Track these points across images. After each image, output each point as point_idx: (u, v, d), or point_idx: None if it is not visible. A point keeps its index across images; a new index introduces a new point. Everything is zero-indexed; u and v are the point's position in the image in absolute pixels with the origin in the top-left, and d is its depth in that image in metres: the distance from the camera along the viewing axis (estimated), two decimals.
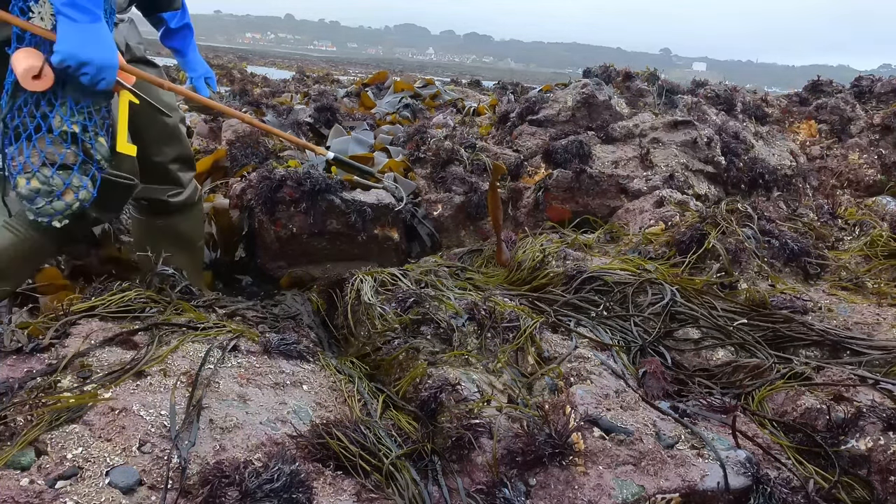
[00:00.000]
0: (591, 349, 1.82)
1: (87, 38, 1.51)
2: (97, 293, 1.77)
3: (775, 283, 2.33)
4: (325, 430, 1.36)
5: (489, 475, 1.31)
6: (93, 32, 1.52)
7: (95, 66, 1.52)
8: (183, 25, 2.17)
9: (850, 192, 3.95)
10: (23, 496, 1.04)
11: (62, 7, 1.49)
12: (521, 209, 3.40)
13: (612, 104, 3.95)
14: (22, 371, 1.37)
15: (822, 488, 1.38)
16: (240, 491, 1.10)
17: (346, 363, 1.82)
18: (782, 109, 4.66)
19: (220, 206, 3.21)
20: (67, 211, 1.65)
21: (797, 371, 1.77)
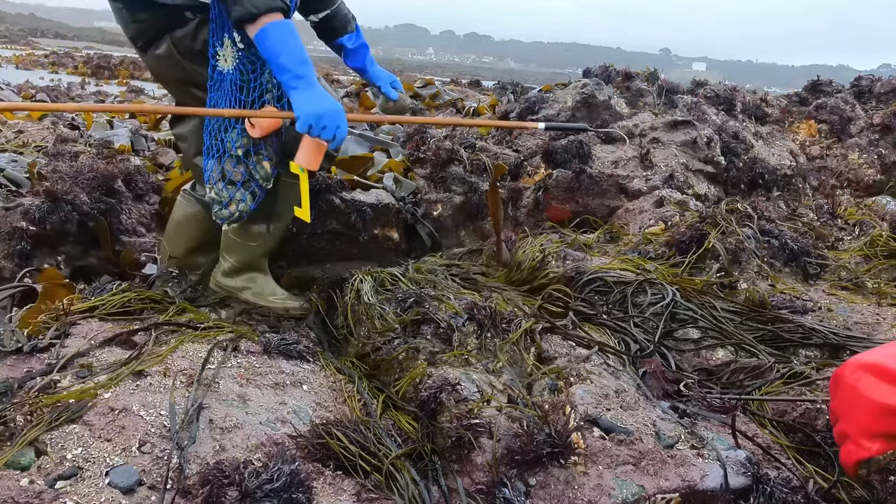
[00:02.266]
0: (593, 349, 1.82)
1: (316, 100, 1.78)
2: (97, 293, 1.78)
3: (775, 282, 2.33)
4: (325, 430, 1.36)
5: (489, 475, 1.31)
6: (317, 94, 1.79)
7: (330, 117, 1.79)
8: (359, 45, 2.39)
9: (849, 192, 3.95)
10: (23, 496, 1.04)
11: (291, 82, 1.77)
12: (520, 209, 3.40)
13: (612, 104, 3.95)
14: (22, 371, 1.37)
15: (821, 488, 1.38)
16: (240, 491, 1.10)
17: (346, 363, 1.82)
18: (782, 109, 4.66)
19: None
20: (231, 218, 2.03)
21: (797, 371, 1.77)
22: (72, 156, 3.38)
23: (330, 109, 1.79)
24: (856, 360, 1.12)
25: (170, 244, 2.33)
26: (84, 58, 19.83)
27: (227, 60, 1.93)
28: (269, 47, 1.77)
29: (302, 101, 1.78)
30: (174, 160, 4.44)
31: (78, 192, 2.55)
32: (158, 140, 5.20)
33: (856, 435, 1.07)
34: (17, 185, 2.90)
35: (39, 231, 2.42)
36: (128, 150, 4.56)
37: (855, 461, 1.07)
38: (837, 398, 1.13)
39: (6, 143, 3.79)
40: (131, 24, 2.02)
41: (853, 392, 1.08)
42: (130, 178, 3.11)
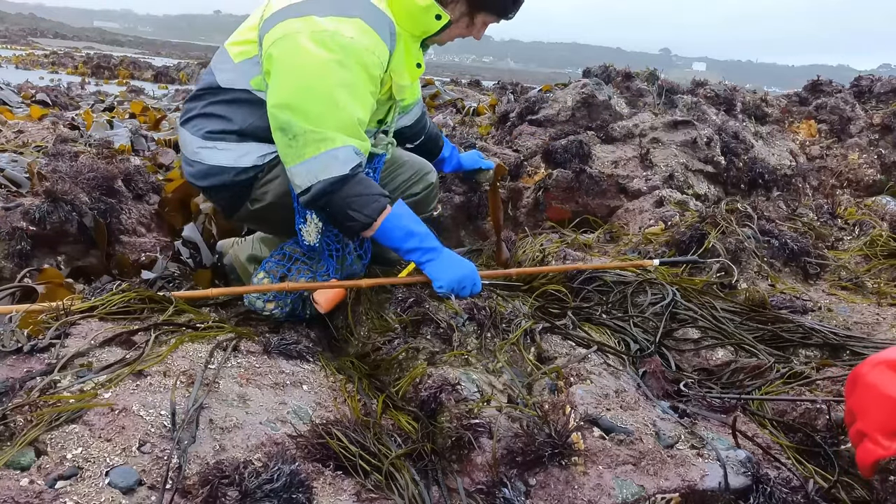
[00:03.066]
0: (592, 349, 1.82)
1: (452, 267, 1.90)
2: (97, 293, 1.78)
3: (775, 282, 2.33)
4: (325, 430, 1.36)
5: (489, 475, 1.31)
6: (449, 260, 1.91)
7: (468, 279, 1.90)
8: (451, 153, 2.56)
9: (849, 192, 3.95)
10: (23, 496, 1.04)
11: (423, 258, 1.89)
12: (520, 209, 3.40)
13: (612, 104, 3.95)
14: (22, 371, 1.37)
15: (821, 488, 1.38)
16: (240, 491, 1.10)
17: (346, 363, 1.82)
18: (782, 109, 4.66)
19: None
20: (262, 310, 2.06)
21: (797, 371, 1.77)
22: (72, 156, 3.38)
23: (466, 272, 1.90)
24: (875, 357, 1.12)
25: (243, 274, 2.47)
26: (84, 58, 19.85)
27: (311, 235, 2.03)
28: (390, 239, 1.88)
29: (439, 270, 1.88)
30: (174, 160, 4.44)
31: (78, 192, 2.55)
32: (158, 140, 5.20)
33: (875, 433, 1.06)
34: (17, 185, 2.90)
35: (39, 231, 2.42)
36: (128, 150, 4.56)
37: (873, 461, 1.06)
38: (855, 397, 1.13)
39: (6, 143, 3.80)
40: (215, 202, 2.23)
41: (873, 390, 1.08)
42: (130, 178, 3.11)
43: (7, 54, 21.28)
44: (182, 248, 3.03)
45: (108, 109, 7.63)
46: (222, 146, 1.99)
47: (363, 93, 1.81)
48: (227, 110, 1.99)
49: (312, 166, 1.76)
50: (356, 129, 1.79)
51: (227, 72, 1.99)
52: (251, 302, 2.06)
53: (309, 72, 1.75)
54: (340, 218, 1.84)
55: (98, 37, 62.45)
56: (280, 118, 1.78)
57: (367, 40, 1.79)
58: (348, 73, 1.76)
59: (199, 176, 2.04)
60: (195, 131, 2.03)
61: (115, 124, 5.50)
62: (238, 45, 1.99)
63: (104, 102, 8.64)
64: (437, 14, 1.91)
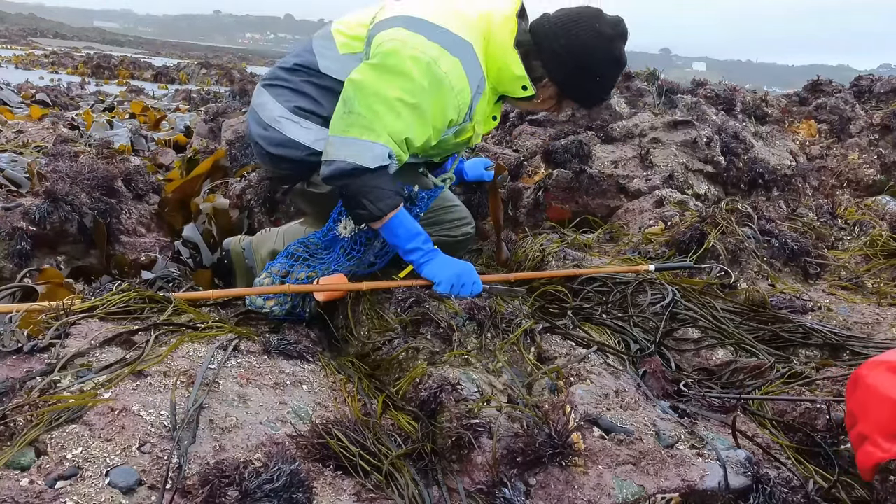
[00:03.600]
0: (592, 349, 1.82)
1: (449, 265, 1.97)
2: (97, 293, 1.78)
3: (775, 282, 2.33)
4: (325, 430, 1.36)
5: (489, 475, 1.31)
6: (446, 260, 1.99)
7: (467, 275, 1.97)
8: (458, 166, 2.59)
9: (849, 192, 3.95)
10: (23, 496, 1.04)
11: (422, 259, 1.98)
12: (520, 209, 3.40)
13: (612, 104, 3.95)
14: (22, 371, 1.37)
15: (821, 488, 1.38)
16: (240, 491, 1.10)
17: (346, 363, 1.82)
18: (782, 109, 4.66)
19: (220, 206, 3.21)
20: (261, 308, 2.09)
21: (797, 371, 1.77)
22: (72, 156, 3.39)
23: (464, 269, 1.97)
24: (876, 360, 1.12)
25: None
26: (84, 58, 19.86)
27: (345, 229, 2.13)
28: (395, 236, 1.97)
29: (437, 269, 1.96)
30: (174, 160, 4.44)
31: (78, 192, 2.55)
32: (158, 140, 5.20)
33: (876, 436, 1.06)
34: (17, 185, 2.90)
35: (39, 231, 2.42)
36: (128, 150, 4.55)
37: (873, 464, 1.06)
38: (856, 399, 1.12)
39: (6, 143, 3.79)
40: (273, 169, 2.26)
41: (873, 392, 1.07)
42: (130, 178, 3.11)
43: (7, 54, 21.28)
44: (182, 248, 3.03)
45: (108, 109, 7.63)
46: (306, 125, 2.08)
47: (427, 124, 1.91)
48: (319, 95, 2.09)
49: (348, 145, 1.86)
50: (401, 143, 1.89)
51: (329, 59, 2.09)
52: (252, 300, 2.07)
53: (394, 78, 1.85)
54: (353, 203, 1.92)
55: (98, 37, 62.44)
56: (349, 90, 1.88)
57: (457, 84, 1.91)
58: (426, 100, 1.87)
59: (272, 143, 2.12)
60: (283, 101, 2.11)
61: (115, 124, 5.49)
62: (345, 37, 2.09)
63: (104, 102, 8.65)
64: (524, 86, 2.02)
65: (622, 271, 2.28)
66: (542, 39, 2.00)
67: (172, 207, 3.27)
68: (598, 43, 1.98)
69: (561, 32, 1.98)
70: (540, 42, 2.00)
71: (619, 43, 2.02)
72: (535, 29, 2.02)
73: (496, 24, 1.99)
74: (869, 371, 1.11)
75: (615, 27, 2.00)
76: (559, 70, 2.02)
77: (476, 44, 1.95)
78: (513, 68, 1.98)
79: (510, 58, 1.98)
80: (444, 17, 1.95)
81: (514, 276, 2.21)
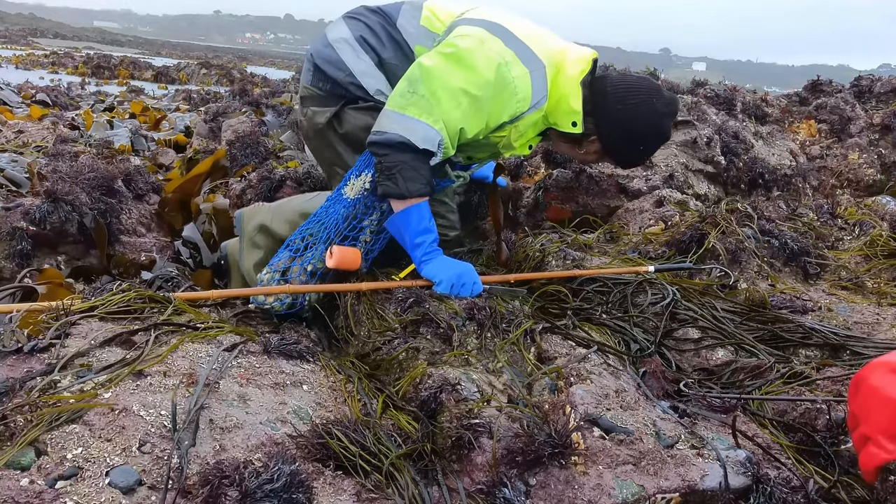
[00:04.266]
0: (592, 349, 1.82)
1: (450, 265, 1.98)
2: (97, 293, 1.78)
3: (775, 282, 2.33)
4: (325, 430, 1.36)
5: (489, 475, 1.31)
6: (447, 260, 2.01)
7: (467, 276, 1.97)
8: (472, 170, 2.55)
9: (849, 192, 3.95)
10: (23, 496, 1.04)
11: (424, 257, 2.00)
12: (521, 209, 3.40)
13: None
14: (22, 371, 1.37)
15: (821, 488, 1.38)
16: (240, 491, 1.10)
17: (346, 363, 1.82)
18: (782, 109, 4.66)
19: (220, 206, 3.21)
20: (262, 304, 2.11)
21: (797, 371, 1.77)
22: (72, 156, 3.39)
23: (464, 269, 1.98)
24: (878, 361, 1.11)
25: None
26: (84, 58, 19.86)
27: (352, 190, 2.14)
28: (408, 224, 1.99)
29: (437, 269, 1.97)
30: (174, 160, 4.44)
31: (78, 192, 2.55)
32: (158, 140, 5.20)
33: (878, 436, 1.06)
34: (17, 185, 2.90)
35: (39, 231, 2.42)
36: (128, 150, 4.56)
37: (876, 465, 1.06)
38: (858, 401, 1.12)
39: (6, 143, 3.80)
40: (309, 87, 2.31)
41: (876, 393, 1.07)
42: (130, 178, 3.11)
43: (7, 54, 21.28)
44: (182, 248, 3.03)
45: (108, 109, 7.63)
46: (362, 55, 2.18)
47: (482, 119, 1.99)
48: (387, 40, 2.19)
49: (404, 121, 1.91)
50: (454, 133, 1.95)
51: (408, 22, 2.20)
52: (254, 297, 2.09)
53: (463, 70, 1.92)
54: (386, 175, 1.94)
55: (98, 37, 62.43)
56: (416, 73, 1.95)
57: (521, 91, 1.99)
58: (488, 95, 1.94)
59: (324, 59, 2.22)
60: (353, 29, 2.22)
61: (115, 124, 5.49)
62: (431, 14, 2.19)
63: (104, 102, 8.65)
64: (573, 122, 2.08)
65: (621, 272, 2.28)
66: (599, 99, 2.08)
67: (172, 207, 3.27)
68: (650, 119, 2.08)
69: (619, 99, 2.06)
70: (597, 101, 2.08)
71: (668, 120, 2.14)
72: (596, 87, 2.09)
73: (570, 59, 2.08)
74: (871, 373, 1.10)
75: (669, 105, 2.11)
76: (608, 133, 2.11)
77: (548, 67, 2.04)
78: (571, 101, 2.06)
79: (573, 91, 2.05)
80: (527, 35, 2.04)
81: (513, 277, 2.21)
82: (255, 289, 2.09)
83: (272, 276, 2.15)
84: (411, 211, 1.97)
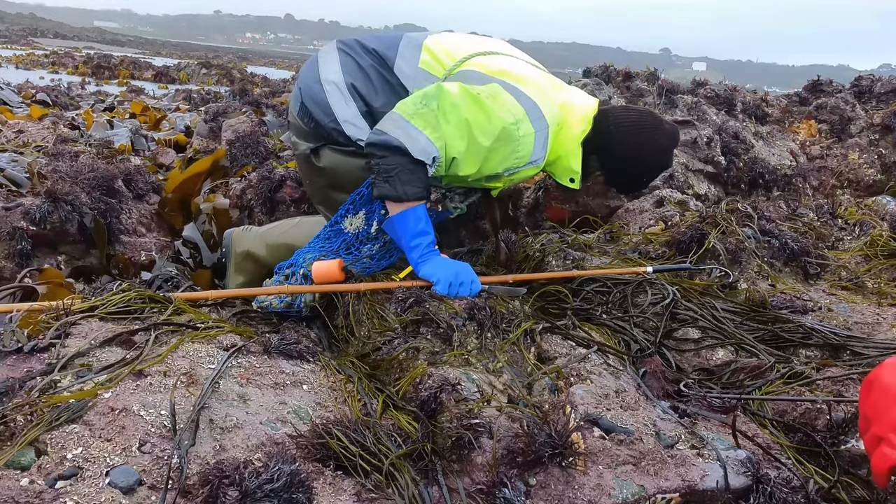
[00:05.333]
0: (592, 349, 1.82)
1: (446, 265, 1.99)
2: (97, 293, 1.77)
3: (775, 282, 2.33)
4: (325, 430, 1.36)
5: (489, 475, 1.31)
6: (443, 260, 2.01)
7: (465, 274, 1.97)
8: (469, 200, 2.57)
9: (850, 192, 3.95)
10: (23, 496, 1.04)
11: (420, 258, 2.00)
12: (520, 209, 3.40)
13: (612, 104, 3.94)
14: (22, 371, 1.37)
15: (821, 488, 1.38)
16: (240, 491, 1.10)
17: (346, 363, 1.82)
18: (782, 109, 4.66)
19: (220, 206, 3.21)
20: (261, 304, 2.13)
21: (797, 371, 1.77)
22: (72, 156, 3.38)
23: (461, 268, 1.99)
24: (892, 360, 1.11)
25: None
26: (84, 58, 19.85)
27: (351, 225, 2.18)
28: (405, 227, 2.00)
29: (434, 269, 1.97)
30: (174, 160, 4.44)
31: (78, 192, 2.55)
32: (158, 140, 5.20)
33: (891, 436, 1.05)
34: (17, 185, 2.90)
35: (40, 231, 2.42)
36: (128, 150, 4.55)
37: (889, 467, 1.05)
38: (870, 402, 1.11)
39: (6, 143, 3.79)
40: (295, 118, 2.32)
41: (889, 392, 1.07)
42: (130, 177, 3.11)
43: (7, 54, 21.27)
44: (182, 248, 3.03)
45: (109, 109, 7.63)
46: (350, 104, 2.18)
47: (477, 162, 2.01)
48: (380, 85, 2.19)
49: (408, 128, 1.92)
50: (450, 158, 1.96)
51: (406, 63, 2.19)
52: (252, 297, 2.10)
53: (479, 110, 1.95)
54: (383, 177, 1.94)
55: (98, 37, 62.45)
56: (434, 91, 1.96)
57: (522, 151, 2.03)
58: (489, 144, 1.97)
59: (311, 98, 2.22)
60: (345, 71, 2.21)
61: (116, 124, 5.49)
62: (430, 55, 2.19)
63: (104, 102, 8.64)
64: (572, 178, 2.16)
65: (620, 273, 2.28)
66: (602, 139, 2.12)
67: (172, 207, 3.27)
68: (654, 155, 2.16)
69: (622, 138, 2.11)
70: (600, 141, 2.12)
71: (670, 153, 2.22)
72: (599, 126, 2.12)
73: (573, 118, 2.13)
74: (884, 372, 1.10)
75: (671, 139, 2.17)
76: (613, 170, 2.19)
77: (551, 128, 2.08)
78: (571, 162, 2.12)
79: (573, 152, 2.11)
80: (535, 91, 2.07)
81: (512, 278, 2.21)
82: (254, 289, 2.09)
83: (274, 278, 2.17)
84: (408, 214, 1.98)
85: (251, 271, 2.55)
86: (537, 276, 2.31)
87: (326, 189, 2.32)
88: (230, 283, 2.58)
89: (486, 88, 2.00)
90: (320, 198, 2.41)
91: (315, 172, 2.31)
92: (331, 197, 2.32)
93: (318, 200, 2.45)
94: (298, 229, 2.53)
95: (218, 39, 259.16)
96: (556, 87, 2.18)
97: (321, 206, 2.44)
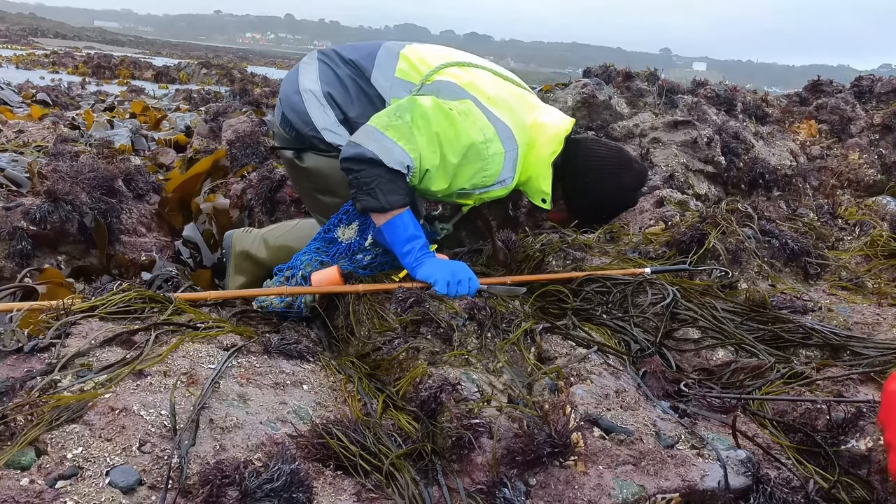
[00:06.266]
0: (592, 349, 1.82)
1: (442, 265, 1.98)
2: (97, 293, 1.78)
3: (775, 282, 2.33)
4: (326, 429, 1.36)
5: (489, 475, 1.31)
6: (439, 261, 2.00)
7: (462, 272, 1.97)
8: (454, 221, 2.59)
9: (850, 192, 3.95)
10: (23, 496, 1.04)
11: (414, 263, 1.99)
12: (521, 209, 3.40)
13: (613, 104, 3.95)
14: (22, 371, 1.37)
15: (822, 488, 1.38)
16: (240, 491, 1.10)
17: (347, 363, 1.82)
18: (782, 109, 4.66)
19: (220, 206, 3.21)
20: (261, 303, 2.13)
21: (797, 371, 1.77)
22: (72, 155, 3.38)
23: (457, 267, 1.99)
24: None
25: None
26: (84, 57, 19.85)
27: (343, 234, 2.20)
28: (395, 234, 2.00)
29: (431, 270, 1.97)
30: (174, 160, 4.44)
31: (78, 191, 2.55)
32: (159, 140, 5.20)
33: None
34: (17, 184, 2.90)
35: (40, 231, 2.42)
36: (128, 150, 4.55)
37: None
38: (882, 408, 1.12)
39: (7, 143, 3.80)
40: (277, 127, 2.34)
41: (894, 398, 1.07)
42: (131, 177, 3.11)
43: (7, 54, 21.27)
44: (182, 248, 3.03)
45: (109, 109, 7.63)
46: (328, 112, 2.19)
47: (447, 178, 2.01)
48: (357, 95, 2.20)
49: (382, 140, 1.92)
50: (423, 169, 1.96)
51: (382, 74, 2.19)
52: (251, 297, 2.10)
53: (450, 126, 1.96)
54: (364, 191, 1.95)
55: (98, 37, 62.47)
56: (408, 104, 1.97)
57: (491, 169, 2.05)
58: (458, 160, 1.99)
59: (291, 107, 2.23)
60: (323, 80, 2.22)
61: (116, 124, 5.49)
62: (407, 64, 2.19)
63: (105, 102, 8.64)
64: (543, 199, 2.18)
65: (618, 274, 2.28)
66: (569, 170, 2.15)
67: (173, 207, 3.27)
68: (617, 194, 2.19)
69: (588, 173, 2.15)
70: (567, 171, 2.15)
71: (635, 193, 2.25)
72: (567, 155, 2.14)
73: (543, 139, 2.12)
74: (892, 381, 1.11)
75: (636, 180, 2.19)
76: (576, 202, 2.23)
77: (521, 148, 2.09)
78: (542, 183, 2.13)
79: (543, 173, 2.13)
80: (505, 111, 2.08)
81: (511, 279, 2.21)
82: (254, 289, 2.09)
83: (275, 279, 2.17)
84: (395, 222, 1.98)
85: (251, 272, 2.56)
86: (537, 277, 2.31)
87: (314, 192, 2.33)
88: (230, 283, 2.59)
89: (459, 105, 2.02)
90: (310, 203, 2.43)
91: (302, 176, 2.33)
92: (319, 200, 2.34)
93: (310, 206, 2.47)
94: (298, 231, 2.55)
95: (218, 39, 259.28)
96: (527, 107, 2.18)
97: (314, 211, 2.46)
